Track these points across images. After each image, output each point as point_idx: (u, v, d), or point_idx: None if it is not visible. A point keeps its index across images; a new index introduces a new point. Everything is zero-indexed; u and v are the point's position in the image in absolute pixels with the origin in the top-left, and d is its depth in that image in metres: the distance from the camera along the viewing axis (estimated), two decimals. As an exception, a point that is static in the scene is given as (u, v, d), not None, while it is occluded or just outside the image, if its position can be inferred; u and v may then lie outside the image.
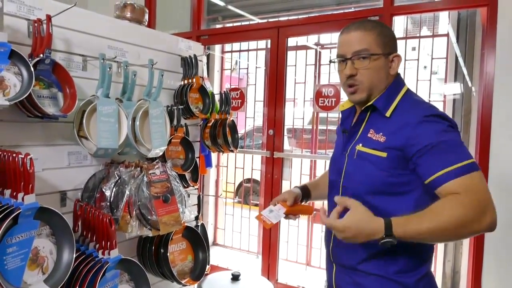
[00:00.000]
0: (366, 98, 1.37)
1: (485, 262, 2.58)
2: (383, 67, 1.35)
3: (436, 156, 1.19)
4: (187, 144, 2.23)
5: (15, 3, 1.48)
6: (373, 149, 1.31)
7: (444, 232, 1.13)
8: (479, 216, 1.11)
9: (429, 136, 1.21)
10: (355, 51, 1.34)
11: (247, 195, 5.40)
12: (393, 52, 1.37)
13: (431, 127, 1.22)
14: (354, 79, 1.36)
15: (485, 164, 2.56)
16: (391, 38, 1.38)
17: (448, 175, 1.16)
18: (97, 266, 1.49)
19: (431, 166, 1.20)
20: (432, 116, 1.24)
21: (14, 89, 1.39)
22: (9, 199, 1.30)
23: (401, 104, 1.34)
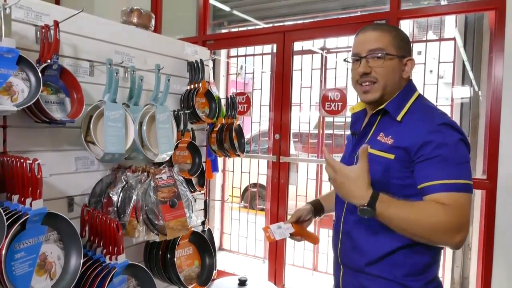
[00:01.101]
0: (379, 98, 1.37)
1: (494, 268, 2.55)
2: (397, 69, 1.36)
3: (438, 166, 1.21)
4: (194, 148, 2.23)
5: (23, 9, 1.49)
6: (381, 151, 1.32)
7: (417, 229, 1.18)
8: (453, 232, 1.16)
9: (438, 145, 1.21)
10: (370, 49, 1.35)
11: (253, 200, 5.39)
12: (407, 56, 1.38)
13: (443, 137, 1.22)
14: (368, 77, 1.36)
15: (494, 168, 2.54)
16: (405, 42, 1.38)
17: (442, 187, 1.19)
18: (105, 271, 1.49)
19: (429, 173, 1.21)
20: (445, 126, 1.24)
21: (22, 94, 1.39)
22: (17, 204, 1.30)
23: (412, 109, 1.34)
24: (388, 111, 1.36)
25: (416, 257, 1.30)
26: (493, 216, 2.53)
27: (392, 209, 1.18)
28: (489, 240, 2.56)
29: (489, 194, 2.56)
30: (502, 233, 2.51)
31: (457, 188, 1.18)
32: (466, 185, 1.19)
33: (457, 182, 1.18)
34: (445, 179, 1.19)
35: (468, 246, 3.53)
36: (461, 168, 1.20)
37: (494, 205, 2.53)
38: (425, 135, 1.23)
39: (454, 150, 1.21)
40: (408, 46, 1.39)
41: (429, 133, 1.23)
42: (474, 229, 3.47)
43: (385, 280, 1.32)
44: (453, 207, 1.16)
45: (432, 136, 1.22)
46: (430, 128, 1.24)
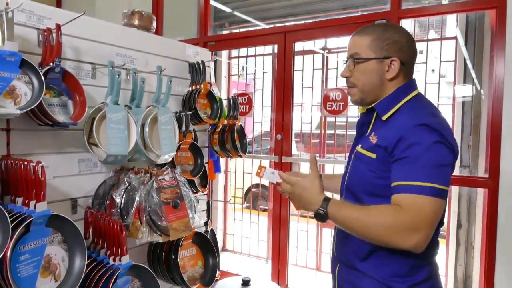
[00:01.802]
0: (360, 101, 1.41)
1: (497, 266, 2.55)
2: (374, 71, 1.34)
3: (407, 167, 1.20)
4: (196, 149, 2.24)
5: (25, 13, 1.50)
6: (366, 150, 1.34)
7: (368, 230, 1.20)
8: (404, 234, 1.15)
9: (409, 146, 1.20)
10: (350, 54, 1.39)
11: (256, 200, 5.40)
12: (392, 56, 1.33)
13: (415, 138, 1.21)
14: (348, 81, 1.41)
15: (496, 166, 2.54)
16: (391, 43, 1.33)
17: (406, 188, 1.18)
18: (109, 272, 1.50)
19: (399, 173, 1.22)
20: (422, 126, 1.21)
21: (25, 97, 1.40)
22: (21, 207, 1.31)
23: (402, 109, 1.32)
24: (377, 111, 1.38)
25: (400, 257, 1.28)
26: (496, 215, 2.53)
27: (343, 211, 1.24)
28: (491, 239, 2.56)
29: (491, 192, 2.56)
30: (505, 232, 2.51)
31: (419, 191, 1.16)
32: (431, 188, 1.16)
33: (421, 184, 1.16)
34: (409, 181, 1.18)
35: (471, 245, 3.53)
36: (431, 171, 1.18)
37: (497, 204, 2.53)
38: (400, 133, 1.23)
39: (427, 153, 1.19)
40: (395, 46, 1.33)
41: (404, 131, 1.23)
42: (476, 228, 3.47)
43: (373, 279, 1.32)
44: (406, 208, 1.16)
45: (406, 135, 1.22)
46: (406, 127, 1.23)
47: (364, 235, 1.23)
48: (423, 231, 1.15)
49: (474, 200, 3.52)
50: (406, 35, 1.37)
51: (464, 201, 3.57)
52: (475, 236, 3.51)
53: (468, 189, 3.51)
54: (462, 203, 3.57)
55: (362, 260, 1.35)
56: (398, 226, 1.16)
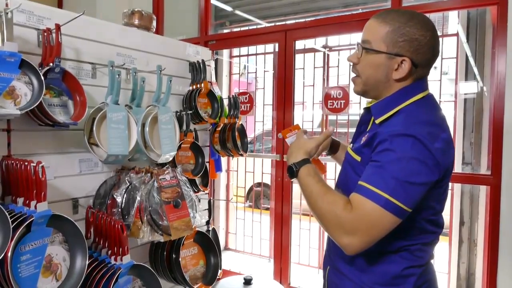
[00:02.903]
0: (362, 93, 1.33)
1: (499, 263, 2.55)
2: (382, 66, 1.23)
3: (375, 170, 1.13)
4: (197, 149, 2.24)
5: (25, 13, 1.50)
6: (354, 151, 1.31)
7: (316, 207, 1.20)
8: (339, 230, 1.13)
9: (388, 152, 1.12)
10: (362, 40, 1.27)
11: (258, 199, 5.40)
12: (404, 55, 1.20)
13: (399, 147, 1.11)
14: (354, 68, 1.32)
15: (498, 163, 2.53)
16: (408, 40, 1.19)
17: (364, 190, 1.12)
18: (110, 272, 1.50)
19: (366, 174, 1.16)
20: (410, 137, 1.10)
21: (25, 98, 1.40)
22: (22, 207, 1.31)
23: (399, 114, 1.21)
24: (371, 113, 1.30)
25: (382, 265, 1.25)
26: (498, 212, 2.52)
27: (308, 179, 1.26)
28: (494, 236, 2.55)
29: (494, 189, 2.56)
30: (507, 229, 2.50)
31: (373, 198, 1.09)
32: (385, 199, 1.07)
33: (378, 192, 1.09)
34: (369, 184, 1.11)
35: (474, 242, 3.52)
36: (392, 183, 1.08)
37: (499, 201, 2.52)
38: (383, 136, 1.15)
39: (399, 162, 1.09)
40: (412, 44, 1.19)
41: (387, 135, 1.14)
42: (479, 225, 3.46)
43: (354, 283, 1.29)
44: (354, 209, 1.11)
45: (388, 139, 1.13)
46: (392, 132, 1.14)
47: (312, 210, 1.23)
48: (359, 237, 1.10)
49: (476, 197, 3.51)
50: (430, 34, 1.20)
51: (466, 198, 3.56)
52: (478, 233, 3.50)
53: (471, 186, 3.50)
54: (465, 200, 3.56)
55: (347, 263, 1.32)
56: (338, 221, 1.13)
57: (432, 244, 1.30)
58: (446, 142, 1.16)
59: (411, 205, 1.10)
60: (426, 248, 1.27)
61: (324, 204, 1.18)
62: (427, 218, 1.23)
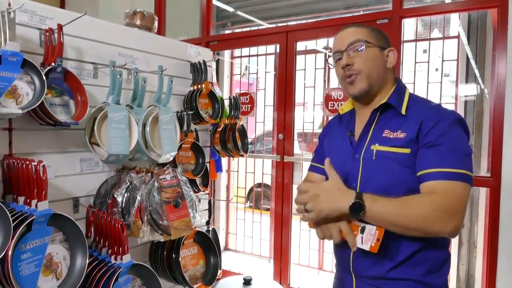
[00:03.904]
0: (368, 89, 1.37)
1: (499, 266, 2.55)
2: (379, 58, 1.38)
3: (438, 154, 1.22)
4: (197, 149, 2.24)
5: (27, 13, 1.51)
6: (395, 146, 1.29)
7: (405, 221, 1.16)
8: (445, 219, 1.16)
9: (444, 135, 1.24)
10: (350, 42, 1.37)
11: (258, 199, 5.40)
12: (387, 47, 1.40)
13: (453, 129, 1.25)
14: (351, 69, 1.37)
15: (498, 166, 2.54)
16: (383, 36, 1.41)
17: (437, 175, 1.20)
18: (110, 271, 1.51)
19: (428, 161, 1.23)
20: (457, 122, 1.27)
21: (27, 97, 1.41)
22: (23, 206, 1.32)
23: (411, 103, 1.36)
24: (392, 105, 1.36)
25: (434, 253, 1.30)
26: (497, 214, 2.52)
27: (380, 202, 1.18)
28: (493, 238, 2.55)
29: (493, 191, 2.56)
30: (507, 231, 2.50)
31: (452, 177, 1.19)
32: (462, 174, 1.19)
33: (453, 171, 1.19)
34: (441, 168, 1.20)
35: (474, 244, 3.52)
36: (461, 159, 1.22)
37: (498, 203, 2.52)
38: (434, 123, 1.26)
39: (458, 142, 1.24)
40: (387, 39, 1.42)
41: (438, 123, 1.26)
42: (479, 227, 3.46)
43: (408, 281, 1.29)
44: (442, 194, 1.17)
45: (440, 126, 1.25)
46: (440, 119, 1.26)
47: (403, 226, 1.17)
48: (460, 215, 1.18)
49: (476, 199, 3.51)
50: None
51: (466, 201, 3.56)
52: (477, 235, 3.50)
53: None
54: (465, 202, 3.56)
55: (394, 268, 1.30)
56: (438, 213, 1.15)
57: None
58: None
59: (472, 171, 1.24)
60: None
61: (413, 209, 1.17)
62: None
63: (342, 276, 1.47)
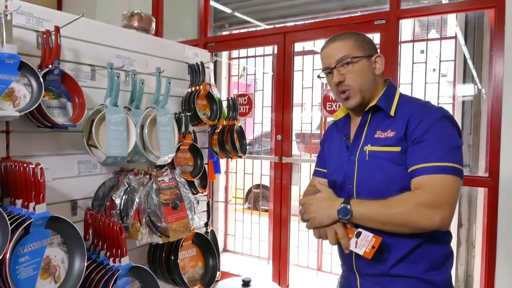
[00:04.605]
0: (362, 101, 1.41)
1: (497, 265, 2.55)
2: (367, 68, 1.40)
3: (426, 149, 1.25)
4: (196, 150, 2.24)
5: (24, 15, 1.51)
6: (386, 146, 1.34)
7: (389, 219, 1.22)
8: (429, 212, 1.18)
9: (430, 130, 1.26)
10: (337, 59, 1.40)
11: (257, 201, 5.40)
12: (374, 53, 1.42)
13: (437, 123, 1.27)
14: (343, 85, 1.41)
15: (496, 166, 2.54)
16: (367, 42, 1.43)
17: (424, 170, 1.23)
18: (109, 274, 1.50)
19: (415, 157, 1.26)
20: (444, 118, 1.29)
21: (24, 100, 1.41)
22: (21, 208, 1.32)
23: (400, 103, 1.39)
24: (381, 108, 1.40)
25: (435, 249, 1.32)
26: (496, 214, 2.53)
27: (365, 205, 1.26)
28: (492, 238, 2.56)
29: (491, 191, 2.56)
30: (505, 231, 2.50)
31: (439, 170, 1.21)
32: (450, 167, 1.21)
33: (439, 164, 1.21)
34: (428, 162, 1.22)
35: (472, 244, 3.53)
36: (447, 152, 1.23)
37: (497, 203, 2.53)
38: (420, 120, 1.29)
39: (442, 135, 1.26)
40: (372, 45, 1.44)
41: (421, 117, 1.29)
42: (477, 227, 3.47)
43: (409, 278, 1.31)
44: (426, 188, 1.20)
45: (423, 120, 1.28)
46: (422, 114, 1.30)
47: (389, 224, 1.24)
48: (446, 207, 1.19)
49: (474, 199, 3.52)
50: None
51: (464, 200, 3.57)
52: (476, 235, 3.51)
53: (469, 189, 3.51)
54: (463, 202, 3.57)
55: (396, 264, 1.33)
56: (421, 207, 1.18)
57: None
58: None
59: (462, 164, 1.25)
60: None
61: (397, 208, 1.22)
62: None
63: (347, 275, 1.51)
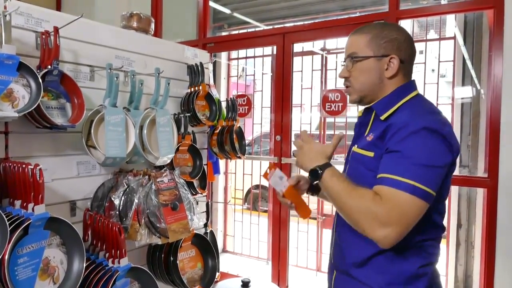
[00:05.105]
0: (360, 100, 1.39)
1: (497, 266, 2.55)
2: (373, 69, 1.33)
3: (397, 161, 1.17)
4: (195, 151, 2.24)
5: (23, 16, 1.51)
6: (363, 149, 1.33)
7: (343, 205, 1.21)
8: (374, 224, 1.13)
9: (407, 140, 1.17)
10: (347, 55, 1.38)
11: (256, 201, 5.39)
12: (390, 54, 1.31)
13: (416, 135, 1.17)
14: (347, 81, 1.40)
15: (495, 166, 2.54)
16: (388, 40, 1.31)
17: (390, 181, 1.15)
18: (108, 275, 1.50)
19: (384, 166, 1.20)
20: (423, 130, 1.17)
21: (23, 100, 1.41)
22: (20, 209, 1.31)
23: (401, 109, 1.30)
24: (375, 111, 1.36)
25: (398, 264, 1.26)
26: (495, 214, 2.53)
27: (334, 180, 1.24)
28: (491, 238, 2.56)
29: (491, 192, 2.56)
30: (504, 231, 2.50)
31: (400, 186, 1.13)
32: (412, 186, 1.12)
33: (403, 180, 1.13)
34: (394, 175, 1.15)
35: (471, 245, 3.53)
36: (417, 170, 1.14)
37: (496, 203, 2.53)
38: (397, 127, 1.21)
39: (419, 149, 1.15)
40: (393, 44, 1.31)
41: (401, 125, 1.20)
42: (476, 227, 3.47)
43: (365, 285, 1.29)
44: (384, 200, 1.13)
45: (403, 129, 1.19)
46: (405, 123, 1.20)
47: (341, 210, 1.24)
48: (395, 227, 1.11)
49: (474, 200, 3.52)
50: (405, 33, 1.34)
51: (464, 201, 3.57)
52: (475, 235, 3.51)
53: (468, 189, 3.52)
54: (462, 202, 3.58)
55: (359, 267, 1.32)
56: (372, 215, 1.13)
57: (440, 241, 1.33)
58: (451, 128, 1.24)
59: (435, 188, 1.15)
60: (437, 244, 1.31)
61: (353, 200, 1.18)
62: (437, 209, 1.27)
63: (328, 266, 1.53)
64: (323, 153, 1.33)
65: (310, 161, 1.32)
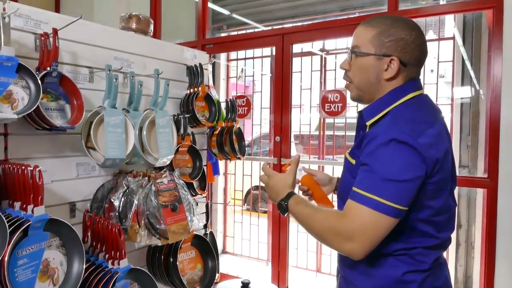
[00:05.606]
0: (358, 98, 1.35)
1: (497, 266, 2.55)
2: (372, 68, 1.25)
3: (364, 174, 1.15)
4: (194, 152, 2.24)
5: (22, 17, 1.51)
6: (349, 155, 1.32)
7: (313, 228, 1.23)
8: (339, 239, 1.15)
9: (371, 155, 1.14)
10: (351, 46, 1.31)
11: (256, 202, 5.39)
12: (392, 55, 1.22)
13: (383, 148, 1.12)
14: (346, 75, 1.34)
15: (495, 166, 2.54)
16: (394, 40, 1.21)
17: (355, 195, 1.14)
18: (107, 276, 1.50)
19: (357, 179, 1.17)
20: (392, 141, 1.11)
21: (22, 102, 1.41)
22: (19, 211, 1.32)
23: (386, 116, 1.23)
24: None
25: (381, 270, 1.24)
26: (495, 215, 2.53)
27: (298, 207, 1.29)
28: (491, 239, 2.55)
29: (491, 192, 2.56)
30: (504, 232, 2.50)
31: (364, 201, 1.10)
32: (376, 202, 1.09)
33: (367, 195, 1.10)
34: (360, 189, 1.13)
35: (471, 245, 3.53)
36: (381, 184, 1.10)
37: (496, 204, 2.52)
38: (369, 138, 1.16)
39: (384, 162, 1.11)
40: (398, 44, 1.21)
41: (373, 137, 1.15)
42: (476, 228, 3.47)
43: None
44: (348, 215, 1.14)
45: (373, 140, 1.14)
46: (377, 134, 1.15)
47: (311, 233, 1.26)
48: (359, 241, 1.10)
49: (473, 200, 3.52)
50: (415, 33, 1.23)
51: (463, 201, 3.57)
52: (475, 236, 3.51)
53: (468, 189, 3.51)
54: (462, 203, 3.57)
55: (350, 269, 1.32)
56: (335, 231, 1.15)
57: (437, 249, 1.26)
58: (435, 137, 1.15)
59: (404, 203, 1.10)
60: (428, 252, 1.23)
61: (318, 222, 1.22)
62: (427, 219, 1.20)
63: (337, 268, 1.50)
64: (285, 185, 1.39)
65: (276, 195, 1.40)
